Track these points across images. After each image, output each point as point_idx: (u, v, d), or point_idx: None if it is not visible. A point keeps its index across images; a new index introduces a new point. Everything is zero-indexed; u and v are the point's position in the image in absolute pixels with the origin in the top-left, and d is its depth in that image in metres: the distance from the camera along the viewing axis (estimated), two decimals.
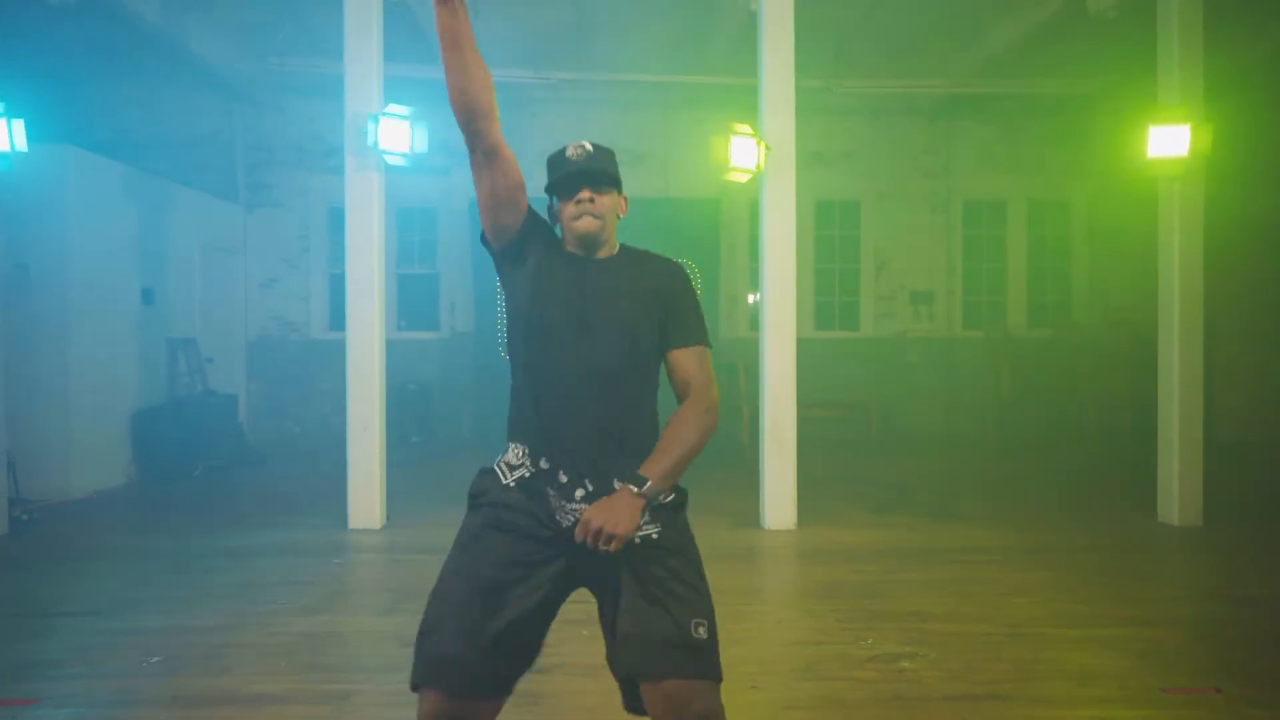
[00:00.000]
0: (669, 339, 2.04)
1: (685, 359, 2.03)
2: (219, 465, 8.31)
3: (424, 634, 1.87)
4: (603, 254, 2.06)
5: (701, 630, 1.87)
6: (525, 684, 3.10)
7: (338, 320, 10.72)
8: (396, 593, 4.34)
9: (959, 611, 4.08)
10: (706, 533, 4.92)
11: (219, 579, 4.60)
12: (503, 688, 1.91)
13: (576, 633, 3.68)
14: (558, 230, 2.09)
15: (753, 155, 5.61)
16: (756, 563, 5.12)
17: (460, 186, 10.40)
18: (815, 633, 3.79)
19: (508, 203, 1.99)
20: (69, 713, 2.94)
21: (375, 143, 5.56)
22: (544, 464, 1.95)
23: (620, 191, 2.10)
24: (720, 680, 1.87)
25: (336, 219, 10.74)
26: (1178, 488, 5.93)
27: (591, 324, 1.96)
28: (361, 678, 3.26)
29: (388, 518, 5.85)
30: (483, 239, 2.08)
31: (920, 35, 8.61)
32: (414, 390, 10.17)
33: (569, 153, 2.04)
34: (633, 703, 1.93)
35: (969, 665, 3.41)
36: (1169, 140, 5.78)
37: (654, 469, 1.87)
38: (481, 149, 1.93)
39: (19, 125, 5.44)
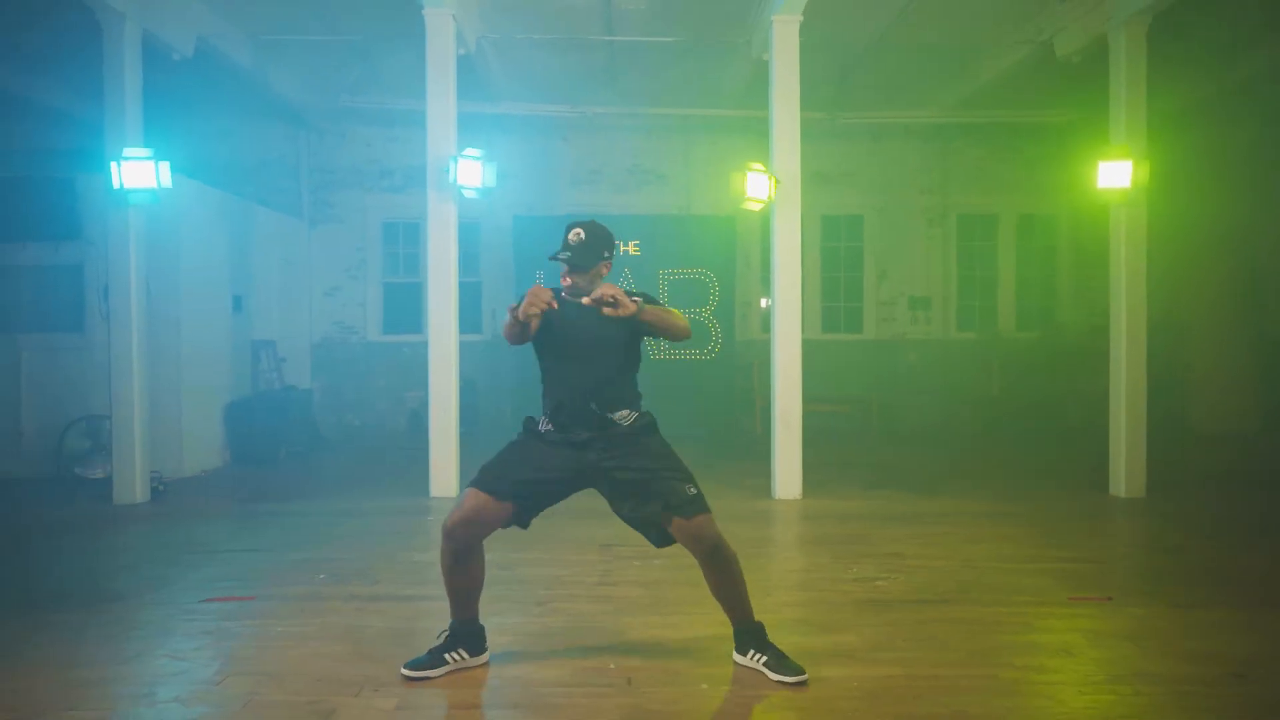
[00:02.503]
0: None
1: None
2: (298, 451, 9.54)
3: (483, 467, 3.21)
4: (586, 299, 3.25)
5: (690, 489, 3.15)
6: (600, 591, 4.29)
7: (390, 325, 11.99)
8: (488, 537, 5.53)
9: (925, 552, 5.22)
10: (726, 501, 6.21)
11: (341, 529, 5.80)
12: (516, 504, 3.16)
13: (630, 563, 4.86)
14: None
15: (765, 188, 6.78)
16: (768, 522, 6.27)
17: (501, 205, 11.57)
18: (812, 564, 4.95)
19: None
20: (282, 604, 4.14)
21: (454, 179, 6.75)
22: (552, 425, 3.24)
23: (603, 259, 3.27)
24: (710, 511, 3.17)
25: (390, 233, 12.01)
26: (1124, 463, 7.06)
27: (578, 340, 3.19)
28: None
29: (461, 488, 7.04)
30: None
31: (913, 73, 9.77)
32: (461, 385, 11.29)
33: (569, 237, 3.22)
34: (659, 540, 3.24)
35: (927, 584, 4.56)
36: (1114, 173, 6.91)
37: (649, 309, 3.09)
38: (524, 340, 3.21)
39: (165, 167, 6.67)
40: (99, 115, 6.90)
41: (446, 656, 3.25)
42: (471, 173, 6.80)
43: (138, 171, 6.56)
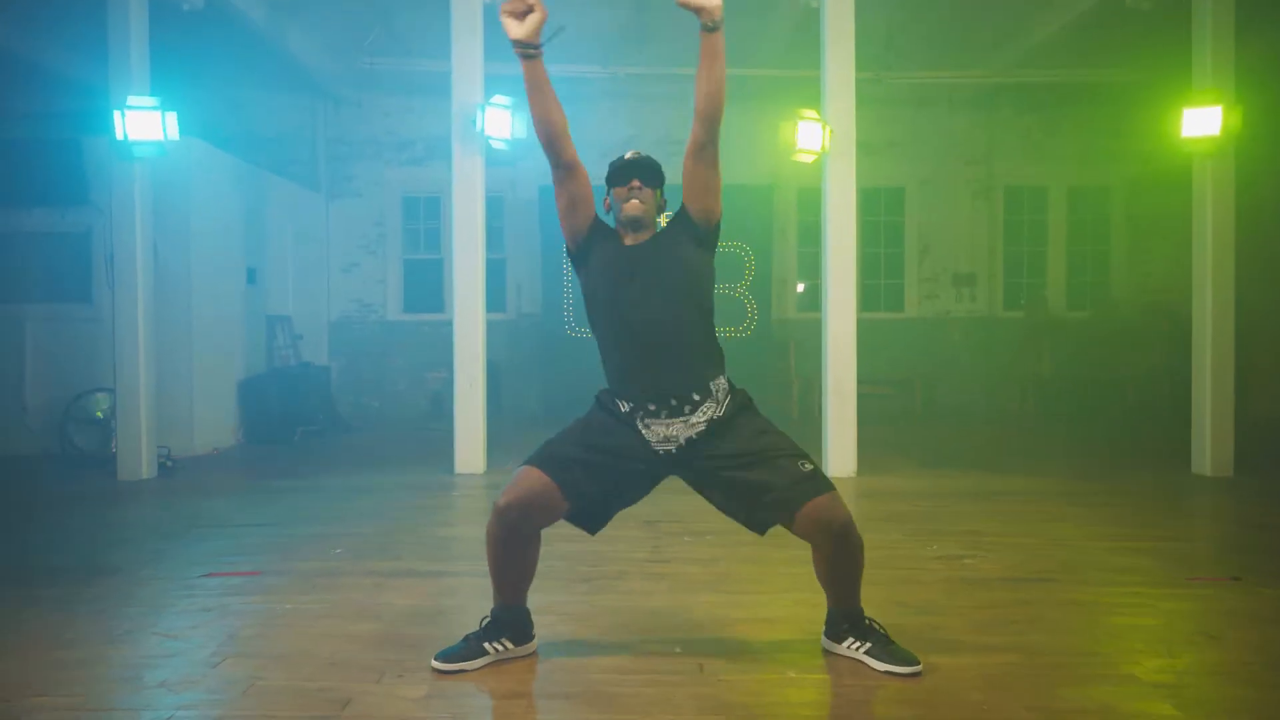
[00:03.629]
0: (686, 189, 2.70)
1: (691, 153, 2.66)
2: (315, 431, 9.08)
3: (549, 441, 2.64)
4: (645, 236, 2.72)
5: (806, 464, 2.58)
6: (651, 569, 3.78)
7: (411, 303, 11.52)
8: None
9: (1008, 530, 4.67)
10: None
11: (360, 504, 5.33)
12: (577, 498, 2.58)
13: (680, 539, 4.35)
14: (612, 221, 2.79)
15: (818, 138, 6.23)
16: None
17: (525, 177, 11.09)
18: (886, 543, 4.40)
19: (582, 206, 2.71)
20: (291, 579, 3.65)
21: (482, 130, 6.25)
22: (631, 405, 2.64)
23: (662, 192, 2.77)
24: (834, 487, 2.59)
25: (410, 208, 11.53)
26: (1209, 440, 6.45)
27: (636, 278, 2.63)
28: None
29: (488, 465, 6.55)
30: (567, 251, 2.81)
31: (965, 29, 9.15)
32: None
33: (626, 155, 2.76)
34: (762, 527, 2.66)
35: (1021, 562, 4.01)
36: (1202, 121, 6.30)
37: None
38: (562, 164, 2.65)
39: (172, 118, 6.21)
40: (104, 76, 6.44)
41: (487, 646, 2.68)
42: (500, 122, 6.30)
43: (143, 122, 6.10)
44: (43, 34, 8.77)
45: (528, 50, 2.54)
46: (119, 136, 6.11)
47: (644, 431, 2.62)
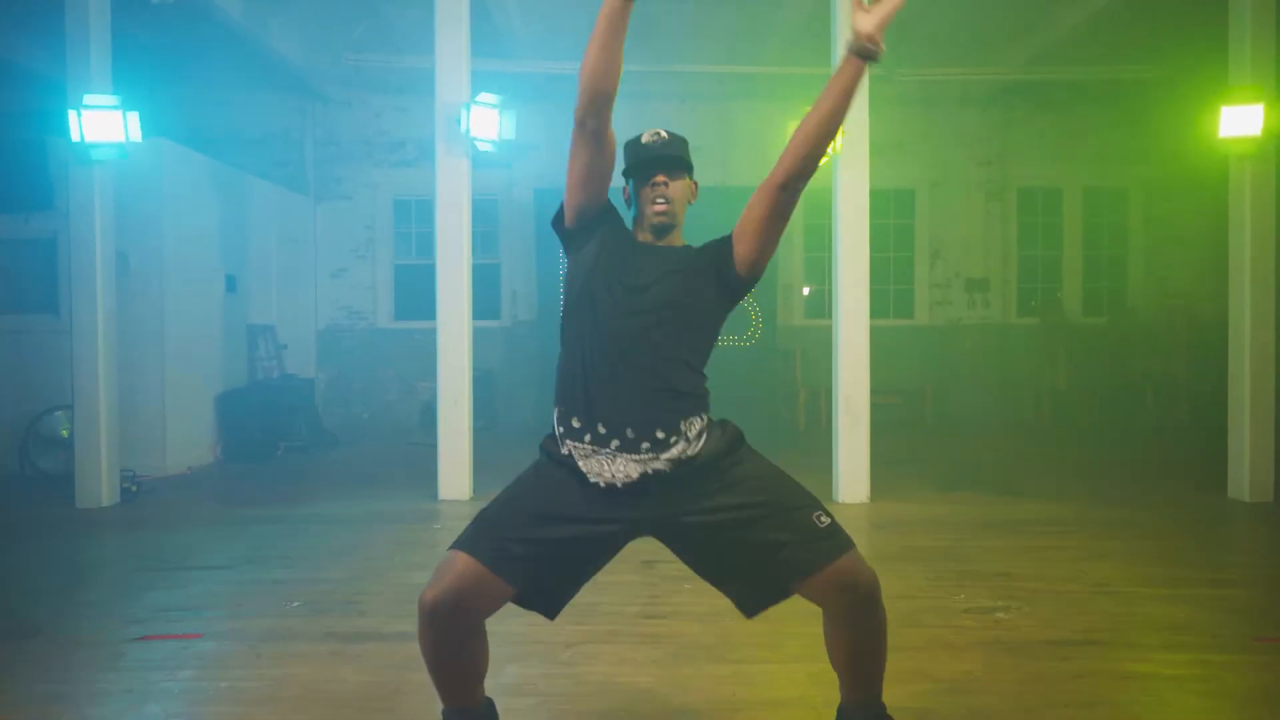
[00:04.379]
0: (738, 239, 2.19)
1: (751, 208, 2.17)
2: (298, 446, 8.65)
3: (478, 516, 2.10)
4: (669, 241, 2.22)
5: (823, 518, 2.07)
6: (646, 628, 3.34)
7: (402, 310, 11.07)
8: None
9: (1043, 573, 4.22)
10: None
11: (331, 540, 4.88)
12: (522, 585, 2.05)
13: (680, 586, 3.91)
14: (631, 213, 2.27)
15: None
16: None
17: (520, 179, 10.66)
18: (908, 589, 3.96)
19: (598, 182, 2.16)
20: (234, 645, 3.21)
21: (467, 130, 5.80)
22: (580, 423, 2.07)
23: (692, 177, 2.28)
24: (854, 545, 2.08)
25: (401, 211, 11.09)
26: (1249, 464, 6.00)
27: (643, 291, 2.11)
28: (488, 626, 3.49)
29: (474, 490, 6.11)
30: (556, 221, 2.25)
31: (982, 22, 8.70)
32: (477, 377, 10.34)
33: (645, 139, 2.23)
34: (755, 607, 2.15)
35: (1062, 616, 3.56)
36: (1241, 120, 5.85)
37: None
38: (593, 127, 2.07)
39: (133, 117, 5.77)
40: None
41: None
42: (487, 122, 5.85)
43: (102, 123, 5.67)
44: (6, 29, 8.33)
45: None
46: (75, 138, 5.67)
47: (583, 467, 2.05)
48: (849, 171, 6.00)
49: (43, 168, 7.37)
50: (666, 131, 2.25)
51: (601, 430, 2.05)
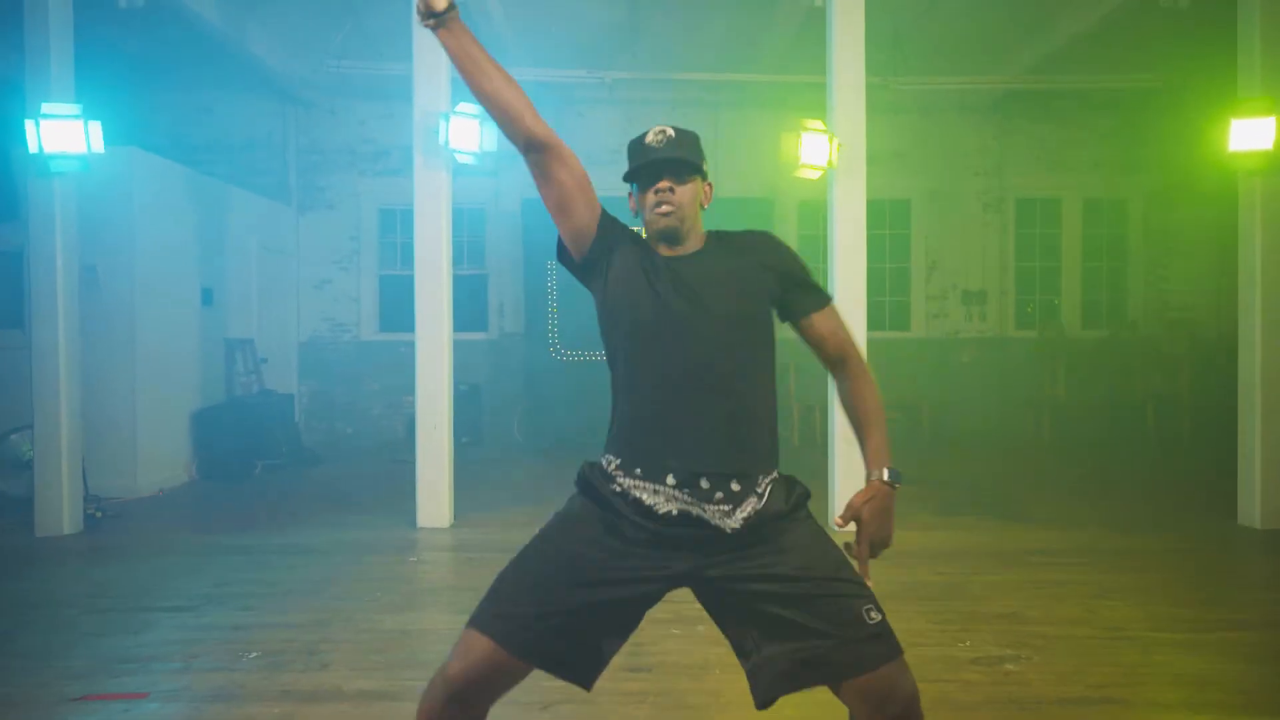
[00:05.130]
0: (799, 308, 1.98)
1: (825, 322, 1.98)
2: (278, 465, 8.37)
3: (497, 585, 1.85)
4: (691, 246, 1.97)
5: (874, 614, 1.78)
6: (629, 683, 3.09)
7: (387, 322, 10.81)
8: (477, 591, 4.31)
9: (1053, 614, 3.98)
10: None
11: (299, 575, 4.61)
12: (547, 662, 1.82)
13: (668, 631, 3.66)
14: (639, 221, 2.02)
15: (824, 152, 5.55)
16: None
17: (508, 189, 10.42)
18: (910, 634, 3.70)
19: (579, 196, 1.93)
20: (180, 708, 2.95)
21: (446, 141, 5.55)
22: (644, 473, 1.84)
23: (705, 178, 2.02)
24: (903, 651, 1.79)
25: (387, 221, 10.83)
26: (1259, 490, 5.77)
27: (695, 317, 1.87)
28: None
29: (454, 517, 5.85)
30: (561, 256, 2.01)
31: (981, 30, 8.49)
32: (464, 391, 10.12)
33: (649, 138, 1.97)
34: (770, 695, 1.84)
35: (1076, 669, 3.32)
36: (1252, 133, 5.64)
37: (885, 451, 1.87)
38: (534, 145, 1.87)
39: (96, 127, 5.51)
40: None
41: None
42: (467, 134, 5.59)
43: (62, 133, 5.40)
44: None
45: (434, 17, 1.86)
46: (33, 149, 5.40)
47: (644, 497, 1.82)
48: (845, 185, 5.77)
49: (7, 177, 7.11)
50: (673, 129, 2.00)
51: (670, 481, 1.82)
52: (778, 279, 1.97)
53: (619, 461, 1.87)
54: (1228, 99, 5.95)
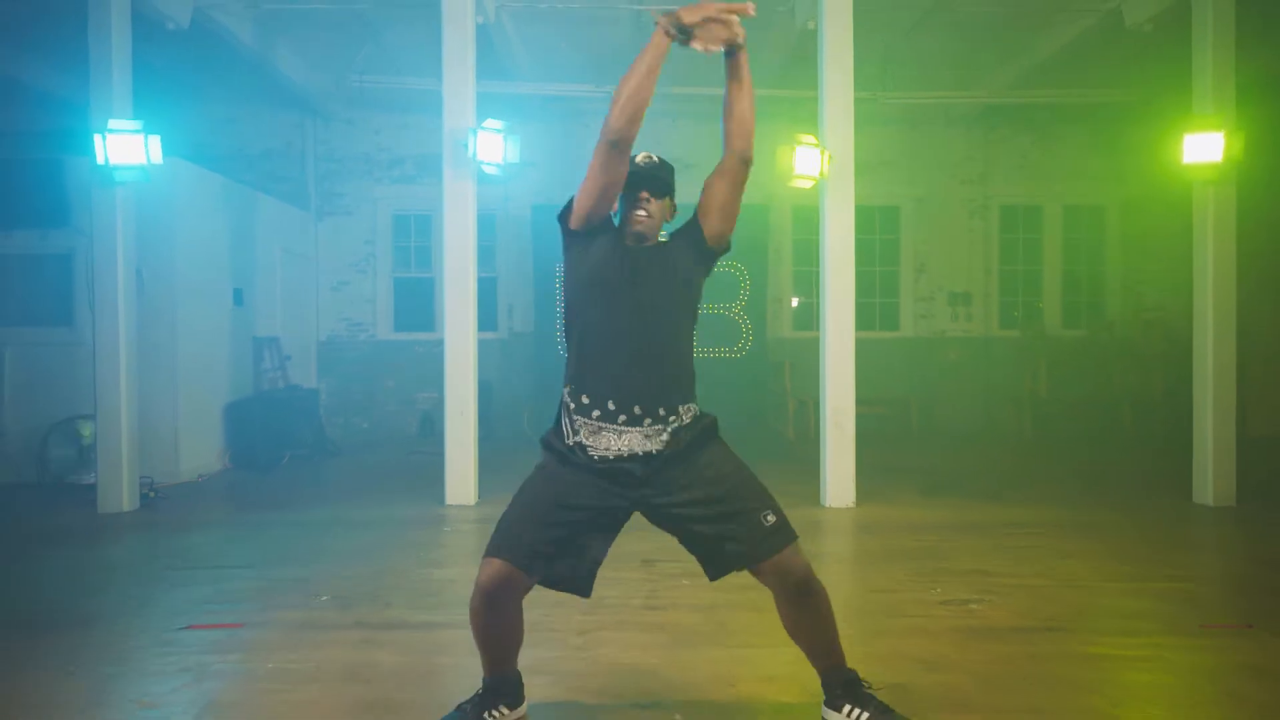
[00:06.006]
0: (703, 205, 2.59)
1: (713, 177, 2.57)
2: (303, 455, 8.92)
3: (501, 521, 2.48)
4: (649, 243, 2.59)
5: (769, 516, 2.47)
6: (649, 618, 3.64)
7: (401, 322, 11.36)
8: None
9: (1017, 570, 4.55)
10: None
11: (349, 541, 5.17)
12: (545, 575, 2.47)
13: (679, 582, 4.22)
14: (617, 219, 2.63)
15: (816, 163, 6.13)
16: (824, 534, 5.60)
17: (518, 195, 10.97)
18: (890, 584, 4.28)
19: (615, 190, 2.50)
20: (273, 633, 3.50)
21: (474, 154, 6.12)
22: (590, 400, 2.46)
23: (672, 199, 2.64)
24: (797, 538, 2.50)
25: (401, 226, 11.39)
26: (1212, 470, 6.36)
27: (638, 283, 2.49)
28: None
29: (479, 495, 6.40)
30: (562, 216, 2.58)
31: (963, 49, 9.09)
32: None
33: (639, 159, 2.60)
34: (716, 573, 2.55)
35: (1030, 608, 3.89)
36: (1203, 147, 6.23)
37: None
38: (621, 146, 2.40)
39: (155, 141, 6.07)
40: (88, 96, 6.29)
41: (486, 716, 2.56)
42: (492, 147, 6.18)
43: (125, 146, 5.96)
44: (24, 51, 8.63)
45: (684, 34, 2.43)
46: (100, 161, 5.96)
47: (589, 442, 2.45)
48: (835, 192, 6.35)
49: (60, 186, 7.65)
50: (657, 156, 2.63)
51: (611, 407, 2.44)
52: (691, 238, 2.60)
53: (571, 388, 2.50)
54: (1186, 114, 6.55)
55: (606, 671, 3.10)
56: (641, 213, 2.53)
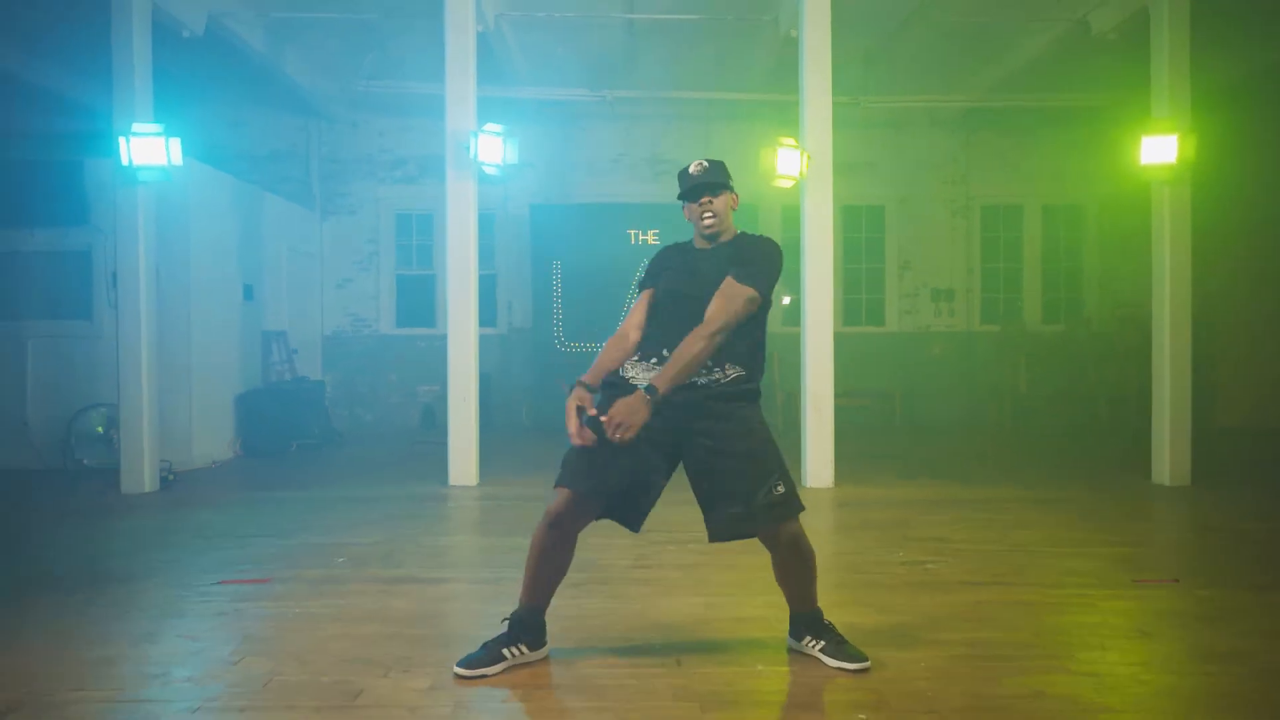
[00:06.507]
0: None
1: (724, 286, 2.83)
2: (310, 444, 9.31)
3: (566, 459, 2.81)
4: (724, 240, 2.98)
5: (780, 488, 2.81)
6: (637, 574, 4.04)
7: (404, 318, 11.76)
8: (511, 523, 5.29)
9: (973, 538, 4.96)
10: None
11: (361, 514, 5.58)
12: (608, 502, 2.81)
13: (665, 548, 4.62)
14: (690, 226, 3.06)
15: (796, 164, 6.55)
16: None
17: (516, 194, 11.36)
18: (858, 548, 4.70)
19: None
20: (298, 586, 3.91)
21: (475, 156, 6.53)
22: (649, 352, 2.87)
23: (732, 190, 3.03)
24: (802, 510, 2.84)
25: (403, 225, 11.79)
26: (1168, 451, 6.78)
27: (695, 291, 2.85)
28: (507, 573, 4.17)
29: (480, 477, 6.80)
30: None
31: (940, 57, 9.51)
32: None
33: (691, 170, 3.01)
34: (716, 536, 2.85)
35: (980, 567, 4.30)
36: (1159, 149, 6.65)
37: (661, 379, 2.67)
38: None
39: (175, 143, 6.47)
40: (106, 99, 6.69)
41: (505, 652, 2.86)
42: (492, 149, 6.58)
43: (147, 148, 6.36)
44: (45, 57, 9.01)
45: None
46: (124, 162, 6.36)
47: (630, 373, 2.84)
48: (814, 191, 6.75)
49: (79, 185, 8.03)
50: (707, 161, 3.02)
51: (665, 352, 2.80)
52: (738, 256, 2.94)
53: (637, 356, 2.90)
54: (1145, 118, 6.96)
55: (598, 615, 3.51)
56: (708, 215, 2.93)
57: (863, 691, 2.71)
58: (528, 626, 2.93)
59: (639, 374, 2.86)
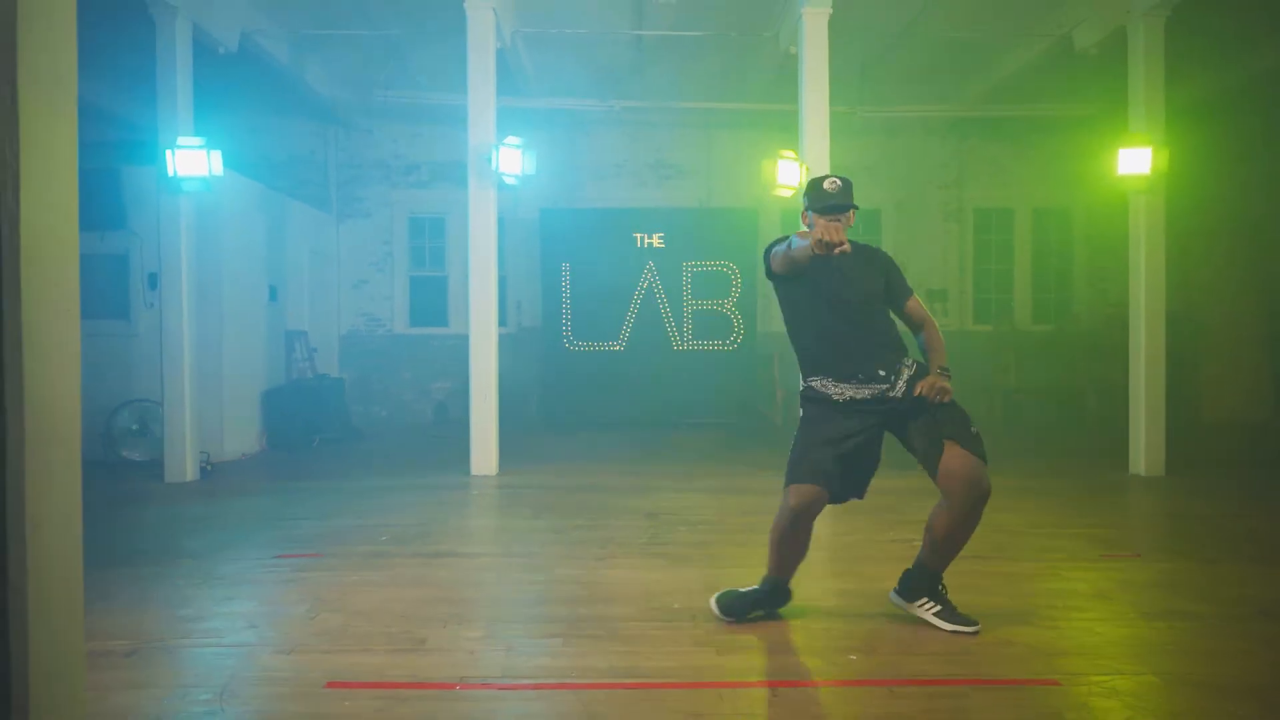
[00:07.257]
0: (897, 298, 3.49)
1: (912, 306, 3.54)
2: (331, 438, 9.77)
3: (796, 458, 3.25)
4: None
5: (976, 430, 3.29)
6: (652, 549, 4.49)
7: (417, 317, 12.22)
8: (535, 506, 5.75)
9: None
10: (760, 480, 6.30)
11: (393, 500, 6.03)
12: (837, 490, 3.27)
13: (675, 529, 5.06)
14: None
15: (795, 175, 6.99)
16: None
17: (526, 199, 11.80)
18: (853, 529, 5.15)
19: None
20: (349, 559, 4.36)
21: (496, 167, 6.98)
22: (834, 380, 3.32)
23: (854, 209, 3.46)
24: (987, 461, 3.29)
25: (416, 228, 12.25)
26: (1144, 442, 7.24)
27: (847, 291, 3.34)
28: (537, 549, 4.63)
29: (500, 467, 7.25)
30: (768, 269, 3.48)
31: (933, 68, 9.98)
32: None
33: (827, 186, 3.39)
34: (933, 466, 3.30)
35: None
36: (1135, 160, 7.11)
37: (943, 359, 3.41)
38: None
39: (216, 155, 6.92)
40: (143, 110, 7.15)
41: (749, 612, 3.41)
42: (512, 160, 7.03)
43: (190, 160, 6.81)
44: (85, 70, 9.44)
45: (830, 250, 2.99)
46: (169, 173, 6.81)
47: (853, 392, 3.26)
48: None
49: (117, 192, 8.47)
50: (840, 179, 3.41)
51: (861, 377, 3.29)
52: (883, 273, 3.49)
53: (820, 379, 3.34)
54: (1123, 130, 7.42)
55: (621, 582, 3.97)
56: (840, 231, 3.24)
57: (855, 639, 3.17)
58: (777, 595, 3.45)
59: (844, 390, 3.28)
